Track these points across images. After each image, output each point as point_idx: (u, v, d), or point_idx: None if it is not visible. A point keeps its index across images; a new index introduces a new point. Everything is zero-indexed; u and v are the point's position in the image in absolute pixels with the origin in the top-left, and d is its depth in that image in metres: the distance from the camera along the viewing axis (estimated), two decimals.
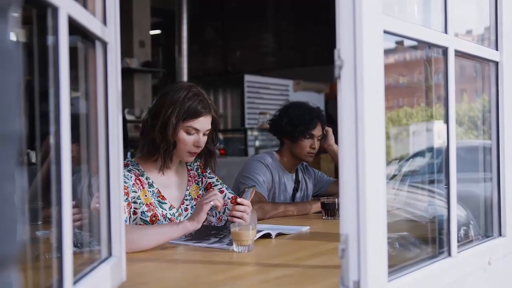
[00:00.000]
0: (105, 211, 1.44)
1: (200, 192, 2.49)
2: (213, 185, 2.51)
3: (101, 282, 1.32)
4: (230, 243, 2.01)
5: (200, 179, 2.52)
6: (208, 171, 2.54)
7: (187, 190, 2.45)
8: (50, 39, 1.07)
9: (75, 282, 1.14)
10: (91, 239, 1.52)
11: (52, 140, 1.06)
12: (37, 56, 1.10)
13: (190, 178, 2.48)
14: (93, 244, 1.49)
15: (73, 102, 1.16)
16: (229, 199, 2.46)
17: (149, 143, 2.30)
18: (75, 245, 1.32)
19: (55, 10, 1.04)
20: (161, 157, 2.31)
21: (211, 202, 2.09)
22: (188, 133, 2.29)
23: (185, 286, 1.62)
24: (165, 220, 2.30)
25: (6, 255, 0.61)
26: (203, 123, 2.31)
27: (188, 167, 2.51)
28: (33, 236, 1.63)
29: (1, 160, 0.60)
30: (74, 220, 1.18)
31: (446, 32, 1.60)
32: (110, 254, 1.45)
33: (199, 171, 2.52)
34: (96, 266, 1.35)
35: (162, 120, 2.26)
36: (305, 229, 2.48)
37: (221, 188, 2.50)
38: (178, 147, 2.32)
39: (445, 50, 1.60)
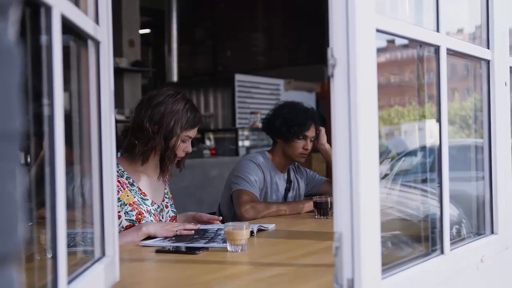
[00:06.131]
0: (98, 211, 1.44)
1: (170, 195, 2.66)
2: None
3: (94, 282, 1.31)
4: (224, 241, 2.01)
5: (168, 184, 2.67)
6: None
7: (165, 189, 2.59)
8: (43, 38, 1.06)
9: (69, 282, 1.14)
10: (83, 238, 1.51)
11: (45, 140, 1.05)
12: (29, 55, 1.10)
13: (166, 180, 2.61)
14: (85, 243, 1.49)
15: (65, 102, 1.15)
16: (170, 217, 2.56)
17: (149, 150, 2.39)
18: (68, 245, 1.32)
19: (48, 9, 1.04)
20: (165, 165, 2.43)
21: (177, 232, 2.23)
22: (183, 141, 2.43)
23: (178, 286, 1.62)
24: (150, 216, 2.39)
25: (7, 253, 0.61)
26: (196, 131, 2.49)
27: None
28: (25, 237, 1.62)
29: (3, 158, 0.61)
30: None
31: (438, 30, 1.61)
32: (103, 254, 1.44)
33: (167, 177, 2.66)
34: (89, 266, 1.34)
35: (165, 130, 2.37)
36: (271, 226, 2.49)
37: (171, 202, 2.64)
38: None
39: (437, 49, 1.61)
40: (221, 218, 2.61)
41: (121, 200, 2.32)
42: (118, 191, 2.31)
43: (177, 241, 2.12)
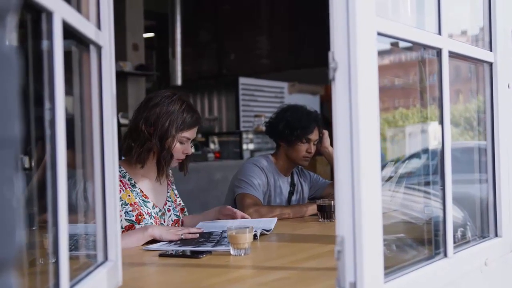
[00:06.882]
0: (101, 216, 1.44)
1: (176, 197, 2.65)
2: (176, 196, 2.68)
3: (97, 286, 1.32)
4: (229, 245, 2.00)
5: (174, 186, 2.67)
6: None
7: (168, 192, 2.59)
8: (44, 43, 1.06)
9: (71, 286, 1.14)
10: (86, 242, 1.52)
11: (47, 145, 1.06)
12: (31, 60, 1.10)
13: (169, 183, 2.62)
14: (88, 246, 1.49)
15: (67, 106, 1.15)
16: (172, 221, 2.56)
17: (146, 151, 2.39)
18: (70, 249, 1.32)
19: (49, 14, 1.04)
20: (161, 166, 2.43)
21: (182, 236, 2.24)
22: (181, 142, 2.43)
23: None
24: (150, 218, 2.40)
25: (6, 259, 0.62)
26: (195, 132, 2.48)
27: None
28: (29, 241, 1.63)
29: (1, 164, 0.61)
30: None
31: (440, 33, 1.60)
32: (106, 258, 1.44)
33: (172, 178, 2.67)
34: (92, 270, 1.34)
35: (160, 130, 2.37)
36: (274, 221, 2.54)
37: (180, 201, 2.69)
38: None
39: (439, 51, 1.61)
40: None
41: (122, 200, 2.33)
42: (120, 190, 2.31)
43: (182, 245, 2.12)
